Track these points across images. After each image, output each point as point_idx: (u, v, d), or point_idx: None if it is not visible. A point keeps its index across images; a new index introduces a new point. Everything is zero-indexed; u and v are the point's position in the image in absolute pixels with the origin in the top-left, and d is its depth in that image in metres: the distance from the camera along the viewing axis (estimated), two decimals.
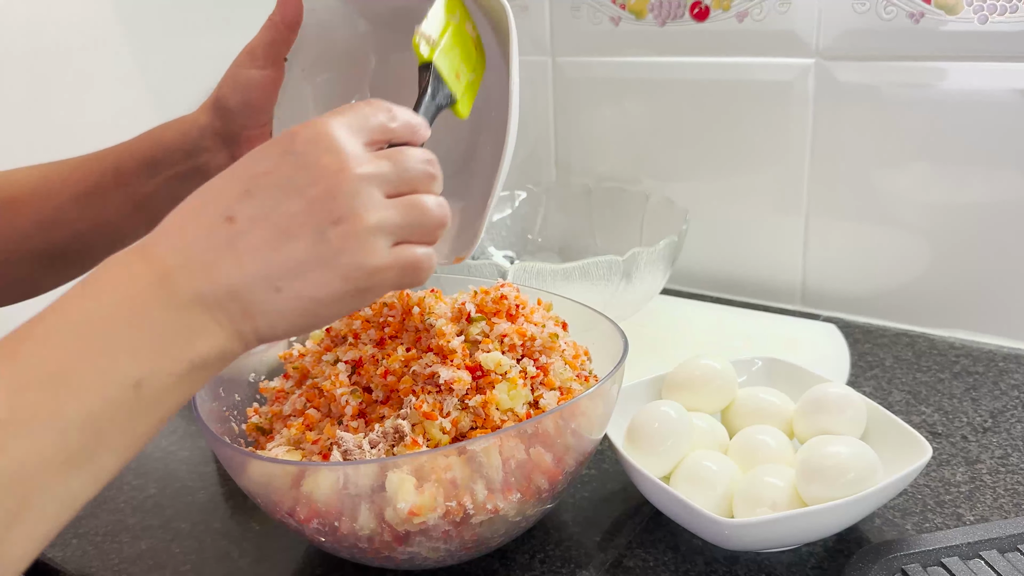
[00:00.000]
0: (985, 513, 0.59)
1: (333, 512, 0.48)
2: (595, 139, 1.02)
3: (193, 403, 0.54)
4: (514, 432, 0.49)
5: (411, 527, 0.48)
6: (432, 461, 0.47)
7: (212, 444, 0.52)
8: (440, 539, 0.50)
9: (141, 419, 0.36)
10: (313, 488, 0.48)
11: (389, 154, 0.41)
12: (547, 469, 0.52)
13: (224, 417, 0.58)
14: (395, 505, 0.47)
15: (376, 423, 0.53)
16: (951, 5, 0.76)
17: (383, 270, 0.40)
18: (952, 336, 0.85)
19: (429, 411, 0.51)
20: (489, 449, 0.48)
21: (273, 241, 0.37)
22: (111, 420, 0.34)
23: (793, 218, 0.91)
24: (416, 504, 0.47)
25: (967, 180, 0.81)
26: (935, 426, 0.69)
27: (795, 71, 0.86)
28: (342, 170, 0.39)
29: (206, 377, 0.38)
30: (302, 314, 0.39)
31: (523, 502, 0.51)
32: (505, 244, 0.99)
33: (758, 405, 0.63)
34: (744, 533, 0.53)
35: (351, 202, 0.38)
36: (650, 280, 0.80)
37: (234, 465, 0.51)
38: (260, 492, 0.51)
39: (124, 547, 0.62)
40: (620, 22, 0.95)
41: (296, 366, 0.59)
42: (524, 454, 0.50)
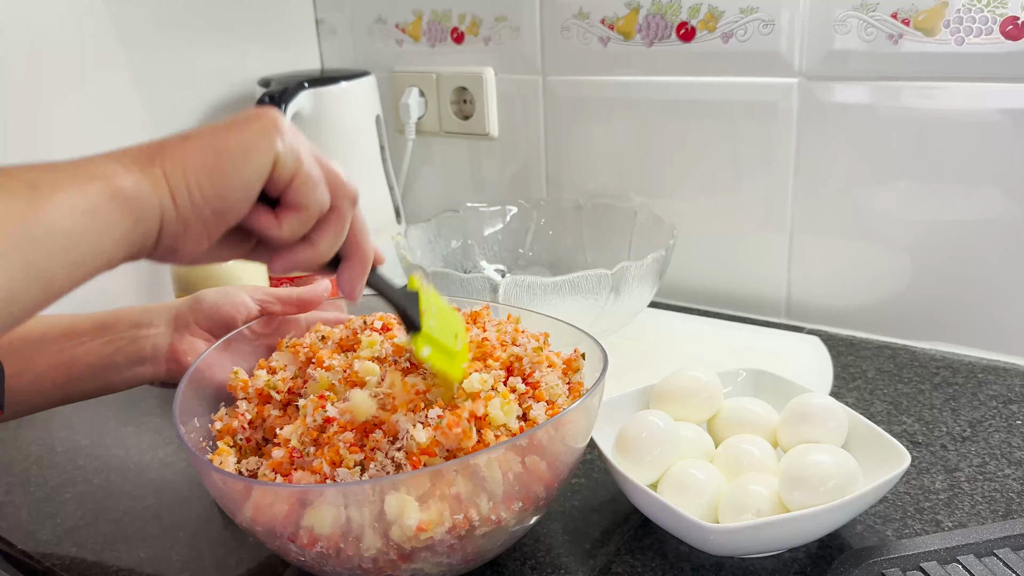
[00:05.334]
0: (963, 519, 0.61)
1: (337, 537, 0.49)
2: (585, 156, 1.04)
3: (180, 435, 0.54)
4: (511, 445, 0.51)
5: (418, 543, 0.49)
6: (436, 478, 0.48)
7: (207, 478, 0.52)
8: (444, 553, 0.51)
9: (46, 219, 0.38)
10: (316, 521, 0.48)
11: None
12: (542, 476, 0.53)
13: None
14: (402, 523, 0.47)
15: (374, 451, 0.52)
16: (929, 27, 0.79)
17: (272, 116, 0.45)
18: (932, 348, 0.86)
19: (427, 446, 0.51)
20: (491, 463, 0.49)
21: (208, 134, 0.44)
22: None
23: (778, 234, 0.93)
24: (424, 520, 0.47)
25: (948, 197, 0.83)
26: (915, 435, 0.71)
27: (779, 91, 0.88)
28: (274, 116, 0.46)
29: (117, 218, 0.40)
30: (204, 157, 0.43)
31: (523, 511, 0.53)
32: (496, 258, 1.00)
33: (743, 415, 0.64)
34: (729, 539, 0.55)
35: (277, 121, 0.45)
36: (638, 294, 0.81)
37: (234, 497, 0.52)
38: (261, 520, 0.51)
39: (123, 556, 0.63)
40: (609, 43, 0.97)
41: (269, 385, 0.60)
42: (520, 466, 0.51)
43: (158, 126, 1.02)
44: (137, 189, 0.40)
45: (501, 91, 1.08)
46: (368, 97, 1.08)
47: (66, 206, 0.38)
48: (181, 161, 0.42)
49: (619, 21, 0.96)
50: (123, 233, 0.40)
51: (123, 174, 0.40)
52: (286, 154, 0.45)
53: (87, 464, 0.76)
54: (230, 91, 1.09)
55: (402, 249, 0.86)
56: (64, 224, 0.38)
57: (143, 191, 0.41)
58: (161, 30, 1.01)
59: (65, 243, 0.38)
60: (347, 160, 1.05)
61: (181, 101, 1.04)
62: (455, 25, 1.08)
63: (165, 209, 0.42)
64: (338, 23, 1.19)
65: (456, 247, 0.99)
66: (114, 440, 0.79)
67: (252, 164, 0.44)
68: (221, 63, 1.08)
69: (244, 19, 1.10)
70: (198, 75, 1.06)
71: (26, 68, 0.88)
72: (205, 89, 1.07)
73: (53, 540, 0.65)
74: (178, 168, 0.42)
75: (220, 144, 0.43)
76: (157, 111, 1.01)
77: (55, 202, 0.38)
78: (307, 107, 1.01)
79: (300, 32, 1.19)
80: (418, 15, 1.11)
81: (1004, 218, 0.80)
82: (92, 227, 0.39)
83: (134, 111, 0.99)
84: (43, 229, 0.37)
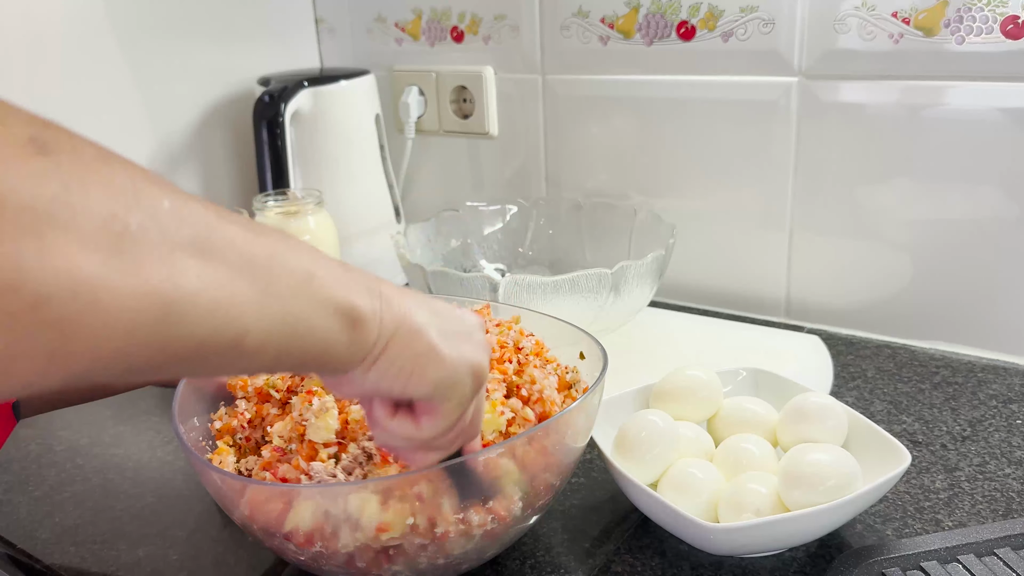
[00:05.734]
0: (963, 519, 0.61)
1: (319, 535, 0.49)
2: (584, 155, 1.04)
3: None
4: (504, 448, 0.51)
5: (378, 543, 0.49)
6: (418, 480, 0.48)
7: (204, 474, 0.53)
8: (419, 553, 0.51)
9: (301, 296, 0.36)
10: (298, 520, 0.49)
11: None
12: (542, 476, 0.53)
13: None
14: (363, 522, 0.48)
15: (349, 444, 0.53)
16: (929, 27, 0.79)
17: (485, 363, 0.45)
18: (932, 348, 0.86)
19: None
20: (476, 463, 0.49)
21: (434, 314, 0.43)
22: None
23: (777, 233, 0.93)
24: (384, 521, 0.48)
25: (947, 196, 0.83)
26: (915, 435, 0.71)
27: (779, 90, 0.88)
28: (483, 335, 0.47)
29: (342, 334, 0.38)
30: (429, 353, 0.41)
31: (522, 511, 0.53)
32: (496, 257, 1.00)
33: (743, 414, 0.64)
34: (729, 538, 0.55)
35: (483, 336, 0.46)
36: (638, 293, 0.81)
37: (231, 496, 0.52)
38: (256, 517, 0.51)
39: (122, 554, 0.63)
40: (608, 41, 0.97)
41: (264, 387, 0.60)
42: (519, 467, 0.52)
43: (158, 124, 1.02)
44: (366, 314, 0.39)
45: (501, 90, 1.08)
46: (368, 96, 1.08)
47: (316, 302, 0.37)
48: (398, 351, 0.41)
49: (619, 20, 0.96)
50: (344, 347, 0.39)
51: (356, 291, 0.39)
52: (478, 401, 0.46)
53: (86, 463, 0.75)
54: (229, 90, 1.09)
55: (401, 248, 0.86)
56: (312, 318, 0.37)
57: (368, 321, 0.39)
58: (160, 29, 1.00)
59: (309, 331, 0.37)
60: (346, 159, 1.05)
61: (180, 99, 1.04)
62: (455, 24, 1.08)
63: (372, 350, 0.40)
64: (338, 22, 1.19)
65: (456, 246, 0.99)
66: (113, 439, 0.79)
67: (465, 390, 0.44)
68: (220, 62, 1.08)
69: (243, 18, 1.10)
70: (197, 73, 1.06)
71: (25, 67, 0.88)
72: (204, 87, 1.07)
73: (52, 539, 0.65)
74: (401, 343, 0.41)
75: (450, 347, 0.42)
76: (156, 109, 1.01)
77: (319, 296, 0.37)
78: (306, 106, 1.01)
79: (299, 31, 1.19)
80: (418, 14, 1.11)
81: (1004, 217, 0.80)
82: (326, 334, 0.38)
83: (133, 109, 0.99)
84: (303, 311, 0.36)
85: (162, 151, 1.02)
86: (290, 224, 0.91)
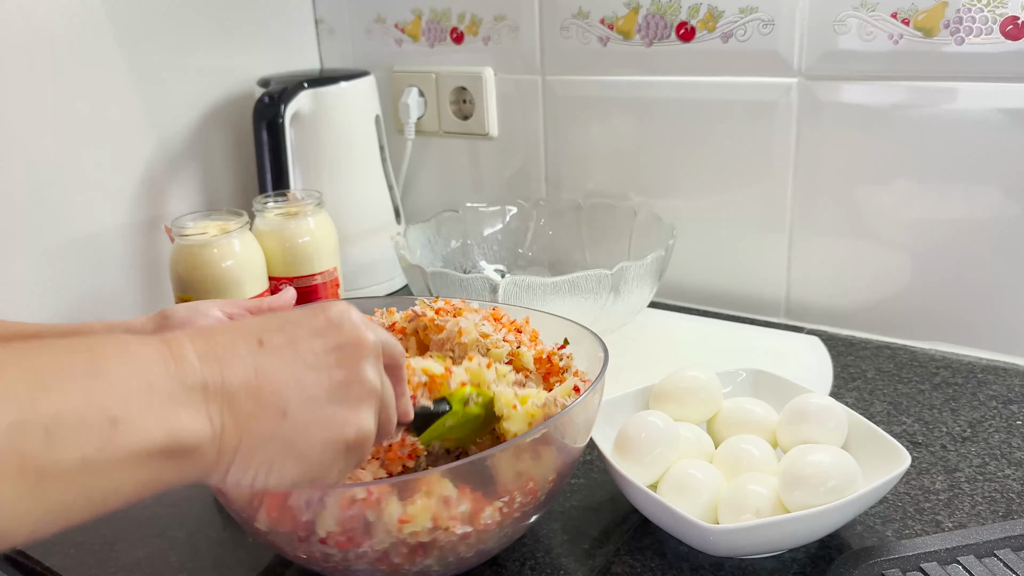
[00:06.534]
0: (963, 520, 0.61)
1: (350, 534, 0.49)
2: (584, 156, 1.04)
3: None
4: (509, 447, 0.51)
5: (405, 537, 0.49)
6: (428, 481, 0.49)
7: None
8: (450, 550, 0.52)
9: (98, 464, 0.33)
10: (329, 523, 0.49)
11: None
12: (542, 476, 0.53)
13: None
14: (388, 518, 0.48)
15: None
16: (929, 27, 0.79)
17: (363, 430, 0.41)
18: (932, 348, 0.86)
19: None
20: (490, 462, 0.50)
21: (292, 365, 0.39)
22: (75, 438, 0.32)
23: (777, 233, 0.93)
24: (406, 513, 0.48)
25: (947, 197, 0.83)
26: (915, 436, 0.71)
27: (778, 90, 0.88)
28: (362, 338, 0.41)
29: (166, 473, 0.35)
30: (287, 449, 0.38)
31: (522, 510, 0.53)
32: (496, 258, 1.00)
33: (743, 415, 0.64)
34: (729, 539, 0.55)
35: (361, 362, 0.41)
36: (638, 294, 0.81)
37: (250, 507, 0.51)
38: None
39: (121, 556, 0.63)
40: (608, 42, 0.97)
41: None
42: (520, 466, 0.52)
43: (157, 125, 1.02)
44: (196, 445, 0.35)
45: (500, 91, 1.08)
46: (367, 97, 1.08)
47: (128, 474, 0.34)
48: (251, 450, 0.37)
49: (619, 21, 0.96)
50: (163, 485, 0.36)
51: (191, 416, 0.35)
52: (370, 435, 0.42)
53: None
54: (229, 91, 1.09)
55: (401, 249, 0.86)
56: (123, 488, 0.34)
57: (203, 451, 0.36)
58: (160, 30, 1.00)
59: (106, 493, 0.34)
60: (346, 160, 1.05)
61: (180, 101, 1.04)
62: (454, 25, 1.08)
63: (217, 466, 0.37)
64: (337, 23, 1.19)
65: (456, 247, 0.99)
66: None
67: (334, 473, 0.41)
68: (220, 63, 1.08)
69: (243, 19, 1.10)
70: (197, 75, 1.06)
71: (25, 68, 0.88)
72: (204, 89, 1.07)
73: (52, 541, 0.65)
74: (246, 456, 0.37)
75: (301, 448, 0.39)
76: (157, 111, 1.01)
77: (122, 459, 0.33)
78: (306, 107, 1.01)
79: (299, 32, 1.19)
80: (417, 15, 1.11)
81: (1004, 217, 0.80)
82: (144, 486, 0.35)
83: (133, 111, 0.99)
84: (101, 485, 0.33)
85: (162, 152, 1.02)
86: (290, 225, 0.91)
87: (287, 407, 0.38)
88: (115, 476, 0.33)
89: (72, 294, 0.95)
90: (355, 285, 1.06)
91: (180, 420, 0.35)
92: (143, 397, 0.34)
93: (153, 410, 0.34)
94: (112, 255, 0.99)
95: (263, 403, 0.37)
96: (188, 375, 0.36)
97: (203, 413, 0.35)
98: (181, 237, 0.85)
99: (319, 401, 0.39)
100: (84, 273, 0.96)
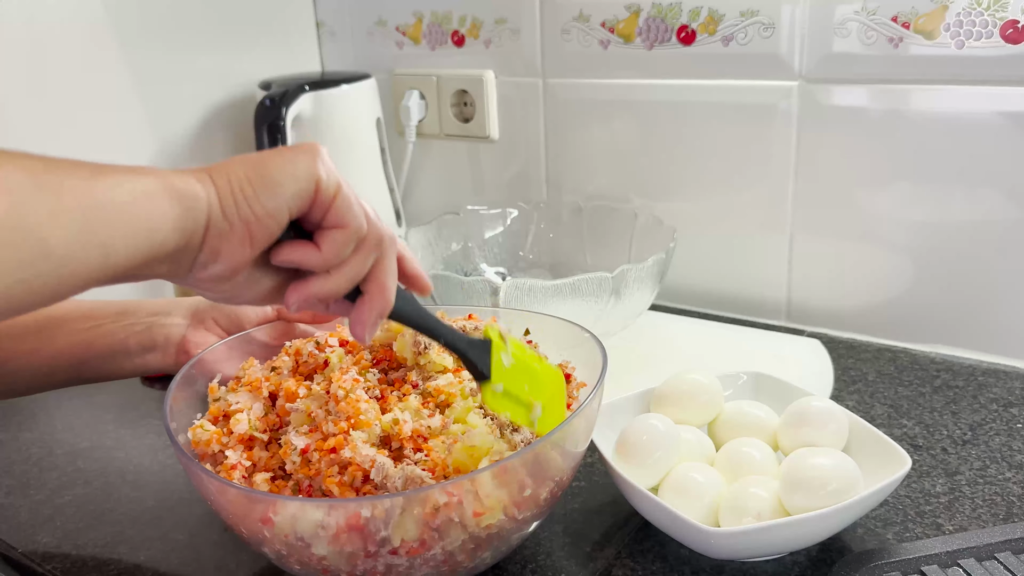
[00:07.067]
0: (964, 523, 0.61)
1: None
2: (585, 159, 1.04)
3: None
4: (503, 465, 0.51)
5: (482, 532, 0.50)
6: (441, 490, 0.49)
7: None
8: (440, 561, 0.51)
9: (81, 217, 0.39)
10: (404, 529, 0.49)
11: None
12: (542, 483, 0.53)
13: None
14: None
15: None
16: (929, 31, 0.79)
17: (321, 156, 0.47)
18: (933, 351, 0.87)
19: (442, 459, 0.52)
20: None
21: (253, 155, 0.46)
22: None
23: (778, 236, 0.93)
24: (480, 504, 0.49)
25: (948, 200, 0.83)
26: (916, 439, 0.71)
27: (779, 93, 0.88)
28: (319, 148, 0.47)
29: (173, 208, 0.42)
30: (248, 169, 0.45)
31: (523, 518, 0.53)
32: (497, 261, 1.00)
33: (744, 418, 0.64)
34: (730, 542, 0.55)
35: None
36: (639, 297, 0.81)
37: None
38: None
39: (123, 558, 0.63)
40: (609, 45, 0.97)
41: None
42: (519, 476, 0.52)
43: (159, 128, 1.02)
44: (187, 185, 0.43)
45: (501, 93, 1.08)
46: (369, 100, 1.08)
47: (126, 185, 0.40)
48: (227, 171, 0.44)
49: (619, 24, 0.96)
50: (176, 217, 0.42)
51: (173, 175, 0.43)
52: (328, 176, 0.46)
53: (87, 467, 0.76)
54: (230, 93, 1.09)
55: None
56: (123, 198, 0.40)
57: (193, 187, 0.43)
58: (162, 32, 1.01)
59: (123, 214, 0.40)
60: (348, 162, 1.06)
61: (182, 103, 1.04)
62: (455, 28, 1.09)
63: (212, 205, 0.43)
64: (338, 25, 1.19)
65: (456, 250, 0.99)
66: (114, 442, 0.79)
67: (294, 178, 0.45)
68: (221, 65, 1.08)
69: (244, 21, 1.10)
70: (199, 77, 1.06)
71: (27, 70, 0.88)
72: (206, 91, 1.07)
73: (53, 543, 0.65)
74: (223, 176, 0.44)
75: (265, 159, 0.45)
76: (158, 113, 1.01)
77: (115, 179, 0.40)
78: (308, 110, 1.01)
79: (300, 34, 1.19)
80: (418, 17, 1.11)
81: (1004, 220, 0.80)
82: (148, 206, 0.41)
83: (135, 113, 0.99)
84: (104, 198, 0.39)
85: (163, 154, 1.02)
86: None
87: (252, 159, 0.45)
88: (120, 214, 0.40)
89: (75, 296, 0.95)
90: None
91: (169, 176, 0.43)
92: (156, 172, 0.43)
93: (134, 171, 0.42)
94: None
95: (236, 161, 0.45)
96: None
97: (191, 177, 0.43)
98: None
99: (280, 151, 0.46)
100: None
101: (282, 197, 0.44)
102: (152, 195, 0.41)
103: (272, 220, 0.44)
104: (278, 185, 0.44)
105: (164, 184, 0.42)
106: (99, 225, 0.39)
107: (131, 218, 0.40)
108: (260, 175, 0.44)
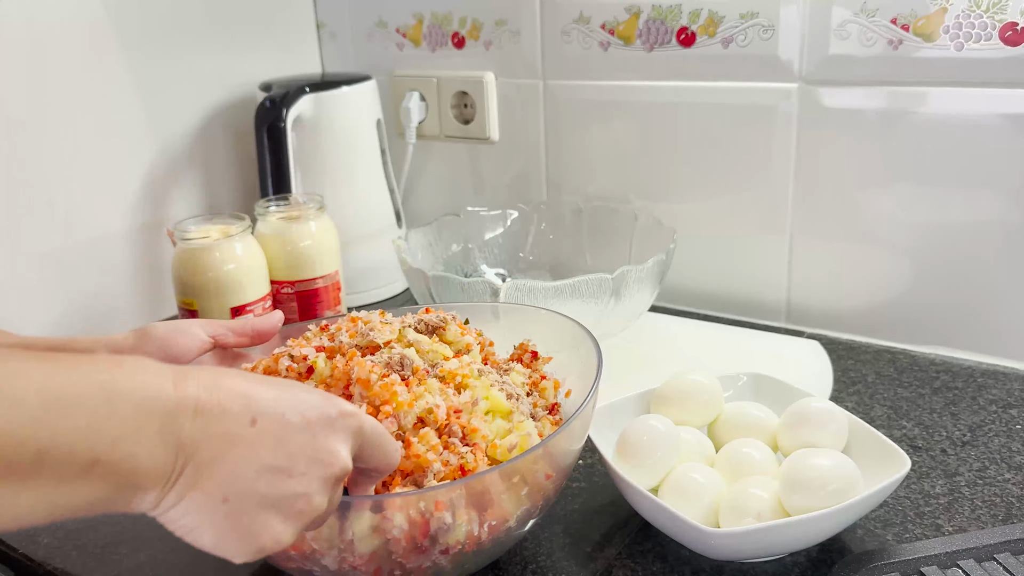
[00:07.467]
0: (963, 524, 0.61)
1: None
2: (585, 160, 1.04)
3: None
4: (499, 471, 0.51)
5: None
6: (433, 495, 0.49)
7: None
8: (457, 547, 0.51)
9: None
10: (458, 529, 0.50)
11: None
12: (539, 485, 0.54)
13: None
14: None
15: None
16: (928, 33, 0.79)
17: (281, 543, 0.41)
18: (932, 353, 0.87)
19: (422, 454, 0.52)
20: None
21: (262, 458, 0.40)
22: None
23: (778, 237, 0.93)
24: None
25: (948, 201, 0.83)
26: (915, 440, 0.71)
27: (779, 95, 0.88)
28: (336, 455, 0.42)
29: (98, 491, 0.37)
30: (212, 524, 0.39)
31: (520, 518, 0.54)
32: (497, 262, 1.01)
33: (743, 419, 0.65)
34: (730, 543, 0.55)
35: (323, 483, 0.42)
36: (639, 298, 0.81)
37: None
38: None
39: (124, 558, 0.63)
40: (609, 47, 0.98)
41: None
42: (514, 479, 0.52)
43: (159, 128, 1.02)
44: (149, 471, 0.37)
45: (502, 95, 1.08)
46: (369, 101, 1.08)
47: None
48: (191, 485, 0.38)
49: (619, 26, 0.96)
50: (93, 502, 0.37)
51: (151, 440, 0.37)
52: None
53: None
54: (231, 95, 1.09)
55: (403, 253, 0.87)
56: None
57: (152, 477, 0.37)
58: (162, 33, 1.01)
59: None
60: (348, 164, 1.06)
61: (182, 105, 1.05)
62: (456, 29, 1.09)
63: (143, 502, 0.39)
64: (339, 27, 1.19)
65: (456, 251, 0.99)
66: None
67: (239, 556, 0.41)
68: (222, 67, 1.08)
69: (245, 22, 1.10)
70: (199, 78, 1.06)
71: (27, 71, 0.89)
72: (206, 93, 1.07)
73: (54, 543, 0.65)
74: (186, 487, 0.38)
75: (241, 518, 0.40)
76: (158, 114, 1.01)
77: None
78: (308, 111, 1.01)
79: (301, 36, 1.19)
80: (419, 19, 1.11)
81: (1004, 222, 0.80)
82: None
83: (135, 115, 0.99)
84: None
85: (164, 156, 1.03)
86: (292, 229, 0.91)
87: (230, 494, 0.39)
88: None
89: (75, 297, 0.95)
90: (356, 288, 1.07)
91: (141, 447, 0.36)
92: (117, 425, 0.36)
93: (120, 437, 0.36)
94: (114, 259, 0.99)
95: (215, 478, 0.38)
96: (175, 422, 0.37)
97: (170, 450, 0.37)
98: (183, 241, 0.85)
99: (261, 504, 0.40)
100: (86, 276, 0.96)
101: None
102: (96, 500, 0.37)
103: None
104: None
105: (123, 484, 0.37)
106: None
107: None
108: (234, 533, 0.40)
